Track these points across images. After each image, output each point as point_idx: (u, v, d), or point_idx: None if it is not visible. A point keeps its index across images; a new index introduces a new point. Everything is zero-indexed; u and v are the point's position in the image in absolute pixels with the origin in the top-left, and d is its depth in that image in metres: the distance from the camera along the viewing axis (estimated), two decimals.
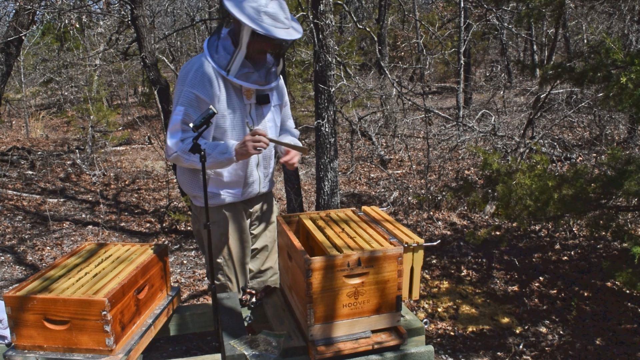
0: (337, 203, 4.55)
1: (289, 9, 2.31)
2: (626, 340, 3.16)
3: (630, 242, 2.96)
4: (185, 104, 2.18)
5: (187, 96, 2.18)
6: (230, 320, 2.16)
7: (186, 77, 2.20)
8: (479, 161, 6.99)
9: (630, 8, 7.67)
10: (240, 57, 2.17)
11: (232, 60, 2.17)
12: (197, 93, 2.17)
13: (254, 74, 2.23)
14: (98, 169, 8.31)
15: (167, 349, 3.25)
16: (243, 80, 2.21)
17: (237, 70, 2.19)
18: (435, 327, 3.46)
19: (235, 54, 2.17)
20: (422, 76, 13.87)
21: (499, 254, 4.47)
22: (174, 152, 2.19)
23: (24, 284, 1.95)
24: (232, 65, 2.18)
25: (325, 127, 4.34)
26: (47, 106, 15.34)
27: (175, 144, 2.18)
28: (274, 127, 2.41)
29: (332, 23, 4.24)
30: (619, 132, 7.76)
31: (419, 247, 2.06)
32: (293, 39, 2.16)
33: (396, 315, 1.98)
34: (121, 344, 1.90)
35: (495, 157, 3.66)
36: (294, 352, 1.94)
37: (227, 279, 2.47)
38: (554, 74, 3.61)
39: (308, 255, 1.86)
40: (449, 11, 15.01)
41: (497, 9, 7.56)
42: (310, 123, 8.43)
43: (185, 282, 4.38)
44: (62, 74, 12.48)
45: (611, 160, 3.23)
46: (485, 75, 15.42)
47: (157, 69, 5.03)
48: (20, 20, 6.67)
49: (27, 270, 4.73)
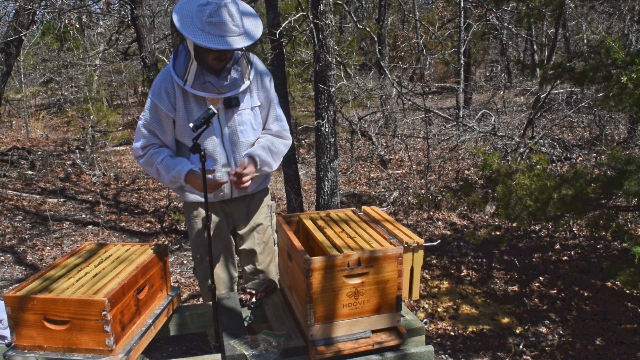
0: (337, 203, 4.55)
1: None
2: (626, 340, 3.16)
3: (630, 242, 2.96)
4: (147, 110, 2.31)
5: (149, 104, 2.30)
6: (230, 320, 2.16)
7: (153, 86, 2.31)
8: (479, 161, 7.00)
9: (630, 8, 7.67)
10: (194, 67, 2.19)
11: (187, 71, 2.20)
12: (156, 102, 2.27)
13: (208, 83, 2.22)
14: (98, 169, 8.31)
15: (167, 349, 3.25)
16: (199, 90, 2.22)
17: (192, 80, 2.21)
18: (435, 327, 3.46)
19: (189, 64, 2.20)
20: (422, 76, 13.87)
21: (499, 254, 4.47)
22: (139, 159, 2.36)
23: (24, 284, 1.95)
24: (188, 75, 2.21)
25: (325, 127, 4.34)
26: (47, 106, 15.34)
27: (137, 149, 2.35)
28: (249, 129, 2.37)
29: (332, 23, 4.24)
30: (619, 132, 7.76)
31: (419, 247, 2.06)
32: (236, 48, 2.12)
33: (396, 315, 1.98)
34: (121, 344, 1.90)
35: (495, 157, 3.66)
36: (294, 352, 1.94)
37: (203, 276, 2.51)
38: (554, 73, 3.61)
39: (308, 255, 1.86)
40: (449, 11, 15.01)
41: (497, 9, 7.56)
42: (310, 123, 8.44)
43: (185, 282, 4.38)
44: (62, 74, 12.48)
45: (611, 160, 3.23)
46: (485, 75, 15.42)
47: (157, 69, 5.03)
48: (20, 20, 6.67)
49: (27, 270, 4.74)
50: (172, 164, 2.28)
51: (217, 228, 2.47)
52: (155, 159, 2.30)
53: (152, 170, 2.34)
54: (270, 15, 4.63)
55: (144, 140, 2.33)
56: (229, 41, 2.10)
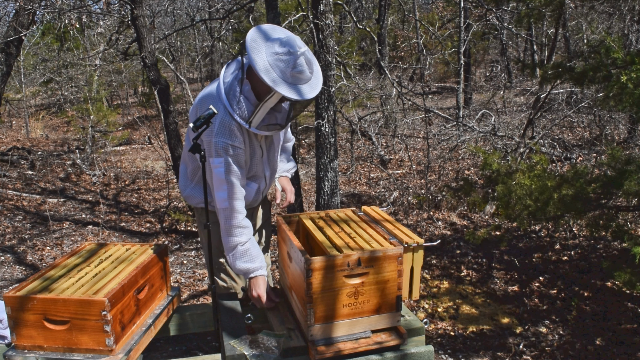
0: (337, 203, 4.55)
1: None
2: (626, 340, 3.16)
3: (630, 242, 2.96)
4: (223, 154, 2.13)
5: (221, 146, 2.12)
6: (230, 320, 2.16)
7: (212, 129, 2.13)
8: (479, 161, 7.00)
9: (630, 8, 7.67)
10: (264, 111, 2.11)
11: (255, 113, 2.11)
12: (230, 142, 2.13)
13: (273, 124, 2.20)
14: (98, 169, 8.31)
15: (167, 349, 3.25)
16: (264, 130, 2.18)
17: (259, 122, 2.14)
18: (435, 327, 3.46)
19: (259, 108, 2.10)
20: (422, 76, 13.87)
21: (499, 254, 4.47)
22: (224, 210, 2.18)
23: (24, 284, 1.95)
24: (254, 117, 2.12)
25: (325, 127, 4.35)
26: (47, 106, 15.34)
27: (223, 200, 2.16)
28: (278, 148, 2.46)
29: (332, 23, 4.24)
30: (619, 132, 7.76)
31: (419, 247, 2.06)
32: (317, 94, 2.12)
33: (396, 315, 1.98)
34: (121, 344, 1.90)
35: (495, 157, 3.66)
36: (294, 352, 1.93)
37: (232, 280, 2.47)
38: (554, 73, 3.61)
39: (308, 255, 1.86)
40: (449, 11, 15.01)
41: (497, 9, 7.57)
42: (310, 123, 8.43)
43: (185, 282, 4.38)
44: (62, 74, 12.48)
45: (611, 160, 3.23)
46: (485, 75, 15.42)
47: (157, 69, 5.02)
48: (20, 20, 6.67)
49: (27, 270, 4.73)
50: (255, 255, 2.22)
51: None
52: (241, 235, 2.20)
53: (230, 239, 2.19)
54: (270, 15, 4.63)
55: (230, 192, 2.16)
56: (314, 86, 2.10)
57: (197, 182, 2.39)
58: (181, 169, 2.47)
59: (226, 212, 2.17)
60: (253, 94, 2.13)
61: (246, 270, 2.20)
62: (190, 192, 2.42)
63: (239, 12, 8.04)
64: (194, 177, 2.39)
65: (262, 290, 2.20)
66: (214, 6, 11.73)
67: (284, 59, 1.99)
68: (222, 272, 2.47)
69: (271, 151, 2.38)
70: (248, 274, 2.21)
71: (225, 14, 6.87)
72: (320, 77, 2.16)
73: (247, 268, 2.19)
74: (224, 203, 2.16)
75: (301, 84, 2.05)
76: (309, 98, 2.06)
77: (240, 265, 2.20)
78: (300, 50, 2.01)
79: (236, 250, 2.19)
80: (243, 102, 2.11)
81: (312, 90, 2.08)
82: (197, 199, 2.41)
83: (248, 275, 2.21)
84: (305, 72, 2.04)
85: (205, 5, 13.24)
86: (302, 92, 2.05)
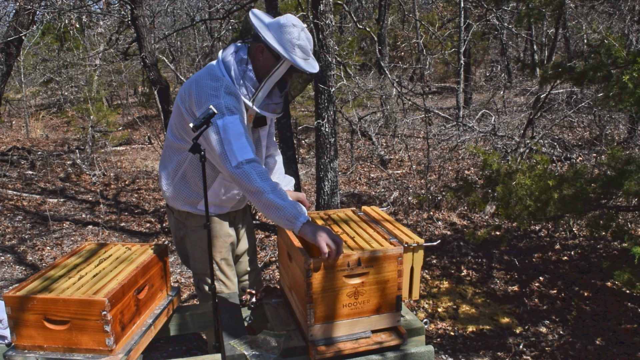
0: (337, 203, 4.55)
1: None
2: (626, 340, 3.16)
3: (630, 242, 2.96)
4: (236, 112, 2.01)
5: (232, 104, 2.02)
6: (230, 320, 2.16)
7: (219, 89, 2.04)
8: (479, 161, 6.99)
9: (630, 8, 7.68)
10: (268, 88, 2.10)
11: (259, 88, 2.10)
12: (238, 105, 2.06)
13: (272, 104, 2.17)
14: (98, 169, 8.31)
15: (167, 349, 3.25)
16: (264, 110, 2.15)
17: (261, 101, 2.12)
18: (435, 327, 3.46)
19: (263, 83, 2.09)
20: (422, 76, 13.87)
21: (499, 254, 4.47)
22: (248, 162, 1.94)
23: (24, 284, 1.95)
24: (258, 94, 2.11)
25: (325, 127, 4.35)
26: (47, 106, 15.34)
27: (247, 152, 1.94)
28: (264, 156, 2.39)
29: (332, 23, 4.24)
30: (619, 132, 7.76)
31: (419, 247, 2.06)
32: (317, 70, 2.16)
33: (396, 315, 1.98)
34: (121, 344, 1.90)
35: (495, 157, 3.66)
36: (294, 352, 1.93)
37: (221, 283, 2.46)
38: (554, 73, 3.61)
39: (308, 255, 1.86)
40: (449, 11, 15.01)
41: (497, 9, 7.57)
42: (310, 123, 8.43)
43: (185, 282, 4.38)
44: (62, 74, 12.48)
45: (611, 160, 3.23)
46: (485, 75, 15.42)
47: (157, 69, 5.03)
48: (20, 20, 6.68)
49: (27, 270, 4.73)
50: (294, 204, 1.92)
51: (228, 234, 2.40)
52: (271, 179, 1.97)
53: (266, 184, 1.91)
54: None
55: (252, 149, 1.97)
56: (313, 64, 2.15)
57: (179, 180, 2.27)
58: (161, 173, 2.35)
59: (252, 163, 1.94)
60: (254, 74, 2.14)
61: (297, 213, 1.87)
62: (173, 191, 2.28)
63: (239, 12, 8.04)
64: (176, 174, 2.27)
65: (331, 233, 1.82)
66: (214, 6, 11.73)
67: (289, 30, 2.08)
68: (208, 276, 2.41)
69: (258, 148, 2.33)
70: (299, 217, 1.87)
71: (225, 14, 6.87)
72: (315, 61, 2.22)
73: (298, 210, 1.90)
74: (249, 154, 1.94)
75: (302, 57, 2.11)
76: (312, 72, 2.11)
77: (290, 209, 1.87)
78: (302, 25, 2.11)
79: (278, 190, 1.91)
80: (247, 80, 2.12)
81: (313, 68, 2.14)
82: (182, 200, 2.29)
83: (301, 219, 1.86)
84: (307, 49, 2.11)
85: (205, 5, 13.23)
86: (304, 66, 2.10)
